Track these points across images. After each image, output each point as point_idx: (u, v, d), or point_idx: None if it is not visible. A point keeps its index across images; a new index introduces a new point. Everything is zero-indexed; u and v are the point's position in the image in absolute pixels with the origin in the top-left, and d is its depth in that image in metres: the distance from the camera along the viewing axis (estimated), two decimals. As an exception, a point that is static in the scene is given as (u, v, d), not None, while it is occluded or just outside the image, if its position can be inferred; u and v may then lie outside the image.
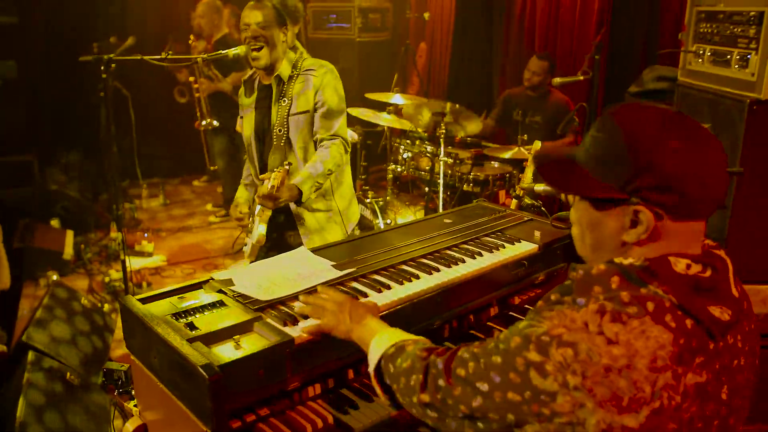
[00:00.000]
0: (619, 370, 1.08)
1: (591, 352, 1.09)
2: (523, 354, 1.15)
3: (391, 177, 5.25)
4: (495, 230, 2.38)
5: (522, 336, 1.18)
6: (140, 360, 1.77)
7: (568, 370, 1.10)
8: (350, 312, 1.65)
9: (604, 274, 1.20)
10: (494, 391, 1.19)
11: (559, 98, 5.12)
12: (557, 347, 1.11)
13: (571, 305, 1.17)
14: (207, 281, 1.93)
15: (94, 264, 5.37)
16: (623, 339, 1.09)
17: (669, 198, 1.16)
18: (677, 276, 1.17)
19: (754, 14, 2.80)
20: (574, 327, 1.12)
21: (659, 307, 1.13)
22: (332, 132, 2.99)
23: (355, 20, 6.98)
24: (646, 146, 1.16)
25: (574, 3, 5.48)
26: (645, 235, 1.19)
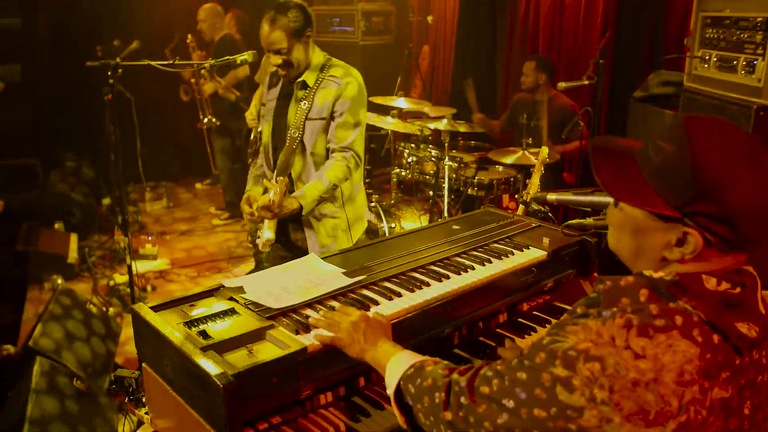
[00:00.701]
0: (647, 384, 1.08)
1: (618, 366, 1.09)
2: (549, 369, 1.14)
3: (395, 181, 5.25)
4: (503, 237, 2.38)
5: (547, 351, 1.17)
6: (152, 368, 1.77)
7: (596, 384, 1.09)
8: (365, 332, 1.65)
9: (632, 286, 1.18)
10: (520, 408, 1.18)
11: (565, 102, 5.13)
12: (584, 362, 1.11)
13: (596, 318, 1.16)
14: (218, 288, 1.94)
15: (98, 268, 5.38)
16: (650, 353, 1.09)
17: (724, 230, 1.13)
18: (707, 292, 1.16)
19: (760, 20, 2.81)
20: (600, 341, 1.12)
21: (687, 322, 1.12)
22: (345, 144, 2.93)
23: (358, 24, 6.98)
24: (713, 172, 1.11)
25: (578, 7, 5.48)
26: (690, 256, 1.17)
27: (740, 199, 1.11)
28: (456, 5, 6.92)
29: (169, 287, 5.13)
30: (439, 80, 7.38)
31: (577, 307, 1.24)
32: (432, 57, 7.44)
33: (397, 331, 1.82)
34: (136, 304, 1.82)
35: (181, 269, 5.47)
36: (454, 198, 4.88)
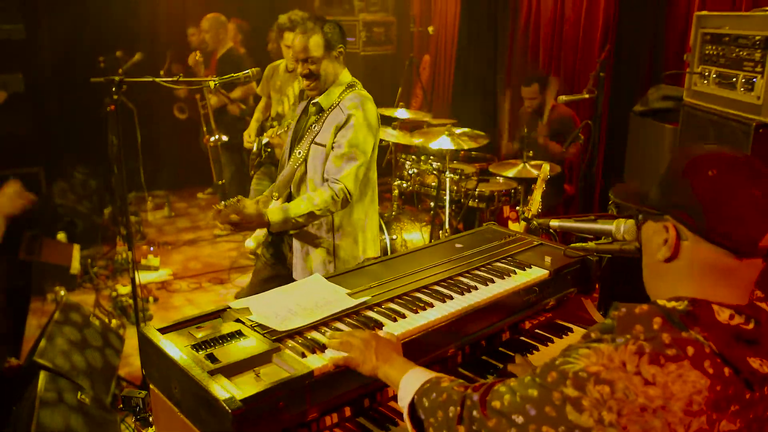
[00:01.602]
0: (654, 411, 1.11)
1: (628, 390, 1.12)
2: (560, 389, 1.18)
3: (396, 192, 5.28)
4: (506, 255, 2.40)
5: (558, 372, 1.20)
6: (160, 389, 1.79)
7: (605, 406, 1.13)
8: (376, 350, 1.68)
9: (646, 315, 1.22)
10: (529, 424, 1.21)
11: (564, 112, 5.16)
12: (594, 384, 1.14)
13: (609, 343, 1.20)
14: (224, 310, 1.96)
15: (100, 278, 5.39)
16: (660, 381, 1.12)
17: (686, 216, 1.23)
18: (719, 325, 1.19)
19: (759, 38, 2.83)
20: (611, 366, 1.15)
21: (698, 353, 1.15)
22: (337, 176, 2.83)
23: (359, 34, 7.03)
24: (682, 167, 1.25)
25: (578, 19, 5.52)
26: (669, 252, 1.26)
27: (704, 189, 1.21)
28: (457, 16, 6.96)
29: (172, 298, 5.15)
30: (439, 91, 7.41)
31: (591, 332, 1.27)
32: (433, 67, 7.48)
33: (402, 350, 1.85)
34: (144, 326, 1.84)
35: (183, 280, 5.49)
36: (455, 209, 4.90)
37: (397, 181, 5.29)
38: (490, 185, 4.95)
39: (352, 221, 3.00)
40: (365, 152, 2.88)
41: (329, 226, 2.96)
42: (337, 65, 2.94)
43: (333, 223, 2.96)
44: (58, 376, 3.12)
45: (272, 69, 4.71)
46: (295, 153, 2.98)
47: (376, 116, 2.93)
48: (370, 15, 7.20)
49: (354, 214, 2.98)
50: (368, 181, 3.02)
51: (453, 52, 7.08)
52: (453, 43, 7.07)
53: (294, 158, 2.98)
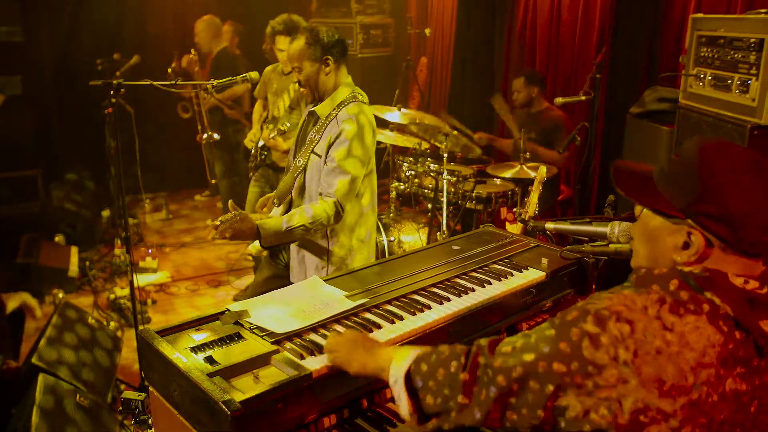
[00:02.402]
0: (669, 355, 1.14)
1: (646, 331, 1.15)
2: (580, 324, 1.19)
3: (394, 194, 5.29)
4: (503, 257, 2.42)
5: (580, 309, 1.23)
6: (159, 392, 1.80)
7: (622, 344, 1.15)
8: (363, 346, 1.67)
9: (664, 276, 1.26)
10: (539, 361, 1.21)
11: (554, 114, 5.17)
12: (615, 321, 1.17)
13: (631, 289, 1.24)
14: (223, 312, 1.97)
15: (98, 281, 5.40)
16: (678, 329, 1.16)
17: (723, 230, 1.22)
18: (734, 288, 1.23)
19: (754, 41, 2.85)
20: (633, 307, 1.19)
21: (714, 312, 1.19)
22: (329, 190, 2.81)
23: (356, 36, 7.04)
24: (715, 175, 1.23)
25: (574, 21, 5.54)
26: (693, 258, 1.26)
27: (738, 200, 1.20)
28: (453, 18, 6.98)
29: (170, 301, 5.16)
30: (436, 92, 7.43)
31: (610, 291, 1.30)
32: (430, 69, 7.49)
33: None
34: (143, 329, 1.86)
35: (181, 282, 5.49)
36: (452, 211, 4.91)
37: (394, 183, 5.30)
38: (487, 187, 4.96)
39: (346, 228, 2.99)
40: (357, 166, 2.84)
41: (324, 232, 2.96)
42: (328, 75, 2.91)
43: (328, 232, 2.96)
44: (57, 378, 3.12)
45: (269, 72, 4.72)
46: (296, 161, 2.99)
47: (370, 130, 2.89)
48: (367, 17, 7.21)
49: (349, 220, 2.98)
50: (366, 190, 3.00)
51: (450, 54, 7.10)
52: (450, 45, 7.09)
53: (295, 167, 2.98)
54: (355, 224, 3.01)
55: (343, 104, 2.91)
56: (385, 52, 7.41)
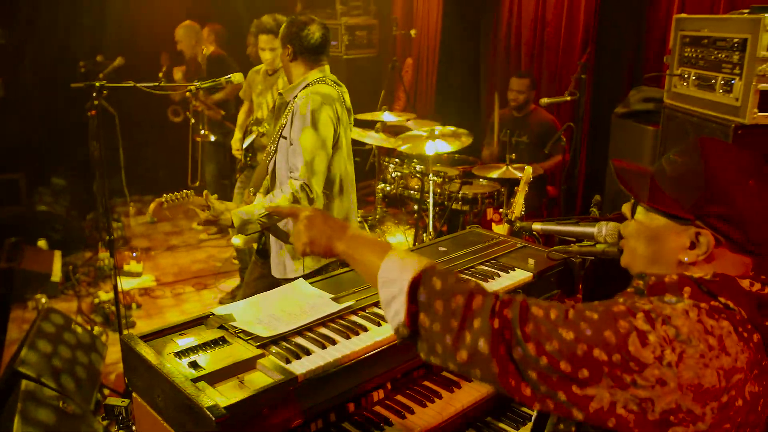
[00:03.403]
0: (710, 360, 1.13)
1: (692, 335, 1.14)
2: (629, 319, 1.15)
3: (380, 195, 5.28)
4: (489, 258, 2.41)
5: (628, 306, 1.19)
6: (143, 398, 1.77)
7: (669, 345, 1.13)
8: (324, 222, 1.52)
9: (677, 284, 1.25)
10: (579, 343, 1.14)
11: (545, 117, 5.18)
12: (662, 324, 1.15)
13: (660, 300, 1.22)
14: (207, 317, 1.94)
15: (82, 285, 5.35)
16: (717, 333, 1.16)
17: (732, 231, 1.23)
18: (744, 291, 1.23)
19: (737, 41, 2.87)
20: (675, 313, 1.17)
21: (734, 319, 1.19)
22: (295, 173, 2.82)
23: (342, 38, 7.03)
24: (723, 176, 1.23)
25: (559, 22, 5.55)
26: (702, 257, 1.26)
27: (747, 201, 1.21)
28: (439, 19, 6.98)
29: (156, 305, 5.11)
30: (422, 93, 7.43)
31: (618, 298, 1.28)
32: (415, 70, 7.49)
33: (385, 355, 1.85)
34: (126, 334, 1.83)
35: (166, 286, 5.45)
36: (438, 212, 4.91)
37: (380, 185, 5.29)
38: (473, 187, 4.96)
39: None
40: (317, 145, 2.83)
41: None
42: (298, 64, 3.01)
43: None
44: (40, 384, 3.08)
45: (254, 73, 4.70)
46: (268, 147, 3.06)
47: (327, 108, 2.88)
48: (352, 18, 7.19)
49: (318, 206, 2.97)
50: (333, 178, 3.00)
51: (435, 54, 7.10)
52: (435, 45, 7.09)
53: (267, 152, 3.05)
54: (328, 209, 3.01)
55: (309, 86, 2.98)
56: (370, 54, 7.40)
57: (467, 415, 1.94)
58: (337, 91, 3.00)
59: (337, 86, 3.04)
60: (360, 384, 1.83)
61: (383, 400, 1.92)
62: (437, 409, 1.90)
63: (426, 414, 1.87)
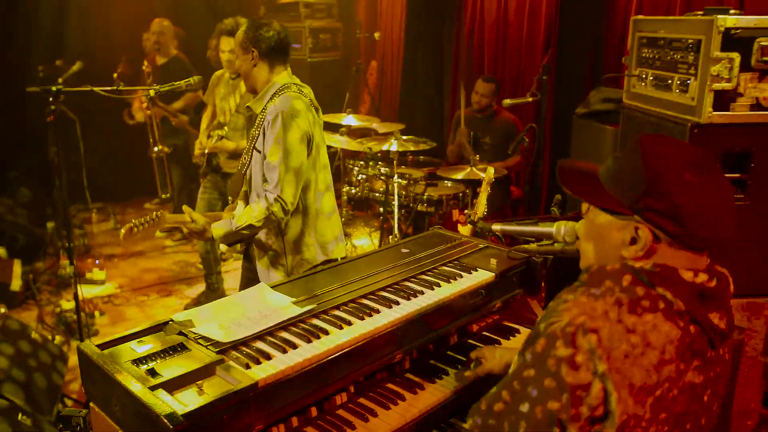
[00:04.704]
0: (635, 357, 1.15)
1: (612, 337, 1.16)
2: (552, 353, 1.18)
3: (345, 198, 5.27)
4: (452, 259, 2.41)
5: (546, 336, 1.21)
6: (101, 408, 1.74)
7: (596, 355, 1.15)
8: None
9: (617, 272, 1.27)
10: (535, 407, 1.19)
11: (507, 118, 5.22)
12: (583, 335, 1.16)
13: (587, 294, 1.23)
14: (167, 323, 1.92)
15: (43, 294, 5.24)
16: (639, 329, 1.17)
17: (670, 225, 1.24)
18: (685, 282, 1.24)
19: (692, 42, 2.92)
20: (595, 314, 1.18)
21: (668, 309, 1.21)
22: (270, 186, 2.82)
23: (306, 41, 7.00)
24: (660, 171, 1.24)
25: (521, 24, 5.61)
26: (641, 252, 1.27)
27: (684, 195, 1.22)
28: (402, 22, 7.01)
29: (119, 312, 5.03)
30: (387, 96, 7.44)
31: (563, 295, 1.30)
32: (380, 73, 7.50)
33: (347, 358, 1.85)
34: (83, 343, 1.79)
35: (130, 293, 5.37)
36: (404, 214, 4.92)
37: (345, 187, 5.28)
38: (438, 189, 4.98)
39: (293, 226, 2.98)
40: (289, 158, 2.81)
41: (277, 231, 2.97)
42: (261, 69, 2.96)
43: (280, 228, 2.96)
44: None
45: (217, 77, 4.65)
46: (242, 158, 3.03)
47: (298, 119, 2.84)
48: (316, 21, 7.17)
49: (291, 220, 2.96)
50: (307, 185, 2.98)
51: (400, 57, 7.12)
52: (399, 48, 7.11)
53: (241, 164, 3.02)
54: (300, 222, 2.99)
55: (275, 97, 2.92)
56: (334, 57, 7.39)
57: (431, 416, 1.94)
58: (304, 97, 2.97)
59: (302, 89, 3.01)
60: (322, 388, 1.82)
61: (346, 404, 1.91)
62: (401, 411, 1.89)
63: (389, 416, 1.87)
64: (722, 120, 2.83)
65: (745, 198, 2.90)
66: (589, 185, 1.36)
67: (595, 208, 1.36)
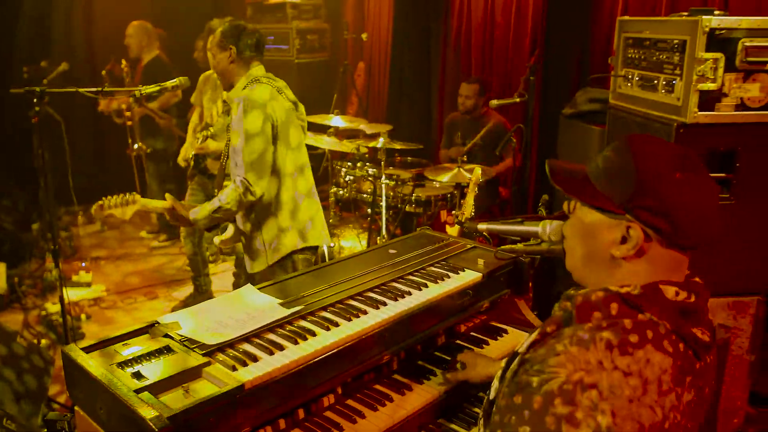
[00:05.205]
0: (639, 399, 1.14)
1: (613, 387, 1.14)
2: (551, 411, 1.14)
3: (333, 200, 5.26)
4: (439, 260, 2.41)
5: (542, 394, 1.17)
6: (86, 411, 1.72)
7: (597, 411, 1.12)
8: None
9: (603, 301, 1.26)
10: None
11: (497, 119, 5.23)
12: (582, 392, 1.14)
13: (576, 341, 1.20)
14: (152, 325, 1.90)
15: (29, 297, 5.19)
16: (635, 369, 1.16)
17: (662, 223, 1.24)
18: (668, 302, 1.24)
19: (677, 42, 2.93)
20: (590, 368, 1.16)
21: (656, 335, 1.20)
22: (238, 169, 2.96)
23: (293, 41, 6.98)
24: (652, 170, 1.25)
25: (508, 25, 5.62)
26: (632, 251, 1.27)
27: (674, 194, 1.23)
28: (390, 22, 7.00)
29: (106, 315, 5.00)
30: (374, 97, 7.44)
31: (547, 327, 1.29)
32: (367, 74, 7.49)
33: (334, 360, 1.84)
34: (67, 346, 1.78)
35: (117, 295, 5.33)
36: (392, 215, 4.92)
37: (333, 189, 5.28)
38: (426, 190, 4.98)
39: (262, 212, 3.12)
40: (250, 143, 2.93)
41: (249, 220, 3.14)
42: (237, 64, 3.13)
43: (251, 217, 3.13)
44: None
45: (205, 78, 4.64)
46: (223, 152, 3.21)
47: (258, 105, 2.97)
48: (303, 22, 7.15)
49: (263, 205, 3.10)
50: (279, 168, 3.09)
51: (387, 58, 7.12)
52: (387, 49, 7.11)
53: (222, 157, 3.20)
54: (268, 209, 3.12)
55: (246, 88, 3.10)
56: (322, 57, 7.38)
57: (419, 417, 1.93)
58: (272, 88, 3.10)
59: (274, 82, 3.15)
60: (309, 389, 1.81)
61: (334, 405, 1.91)
62: (388, 412, 1.89)
63: (377, 418, 1.87)
64: (707, 120, 2.85)
65: (731, 197, 2.92)
66: (580, 184, 1.36)
67: (584, 207, 1.36)
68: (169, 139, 6.05)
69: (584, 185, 1.35)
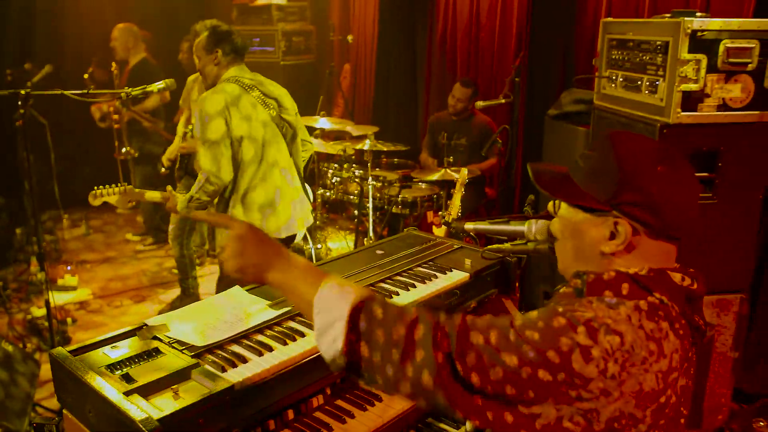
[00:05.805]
0: (651, 365, 1.16)
1: (635, 343, 1.15)
2: (570, 335, 1.14)
3: (320, 201, 5.27)
4: (426, 260, 2.43)
5: (567, 318, 1.17)
6: (74, 415, 1.72)
7: (612, 357, 1.13)
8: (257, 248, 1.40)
9: (614, 281, 1.27)
10: (523, 367, 1.14)
11: (482, 120, 5.25)
12: (605, 334, 1.14)
13: (606, 303, 1.20)
14: (140, 328, 1.90)
15: (14, 301, 5.15)
16: (656, 336, 1.18)
17: (648, 216, 1.26)
18: (677, 287, 1.26)
19: (660, 43, 2.97)
20: (618, 318, 1.17)
21: (670, 316, 1.22)
22: (202, 164, 3.14)
23: (278, 44, 6.98)
24: (634, 166, 1.27)
25: (493, 26, 5.65)
26: (621, 246, 1.29)
27: (658, 187, 1.25)
28: (375, 24, 7.01)
29: (92, 319, 4.97)
30: (360, 99, 7.44)
31: (557, 302, 1.28)
32: (353, 75, 7.50)
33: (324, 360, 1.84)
34: (55, 349, 1.77)
35: (103, 299, 5.30)
36: (379, 216, 4.93)
37: (320, 190, 5.28)
38: (412, 191, 4.99)
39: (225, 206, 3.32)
40: (206, 135, 3.10)
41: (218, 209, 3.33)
42: (220, 66, 3.27)
43: (221, 199, 3.30)
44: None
45: (192, 81, 4.63)
46: None
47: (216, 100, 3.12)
48: (288, 24, 7.15)
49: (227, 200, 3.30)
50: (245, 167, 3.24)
51: (373, 60, 7.13)
52: (372, 51, 7.12)
53: None
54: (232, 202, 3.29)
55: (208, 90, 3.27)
56: (308, 59, 7.38)
57: (408, 417, 1.95)
58: (242, 87, 3.22)
59: (241, 80, 3.26)
60: (299, 390, 1.82)
61: (323, 406, 1.91)
62: (378, 412, 1.90)
63: (366, 418, 1.88)
64: (690, 120, 2.89)
65: (713, 197, 2.96)
66: (564, 184, 1.37)
67: (571, 207, 1.37)
68: (157, 142, 6.03)
69: (568, 186, 1.36)
